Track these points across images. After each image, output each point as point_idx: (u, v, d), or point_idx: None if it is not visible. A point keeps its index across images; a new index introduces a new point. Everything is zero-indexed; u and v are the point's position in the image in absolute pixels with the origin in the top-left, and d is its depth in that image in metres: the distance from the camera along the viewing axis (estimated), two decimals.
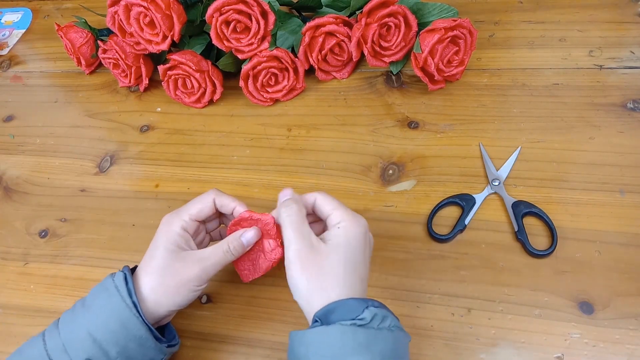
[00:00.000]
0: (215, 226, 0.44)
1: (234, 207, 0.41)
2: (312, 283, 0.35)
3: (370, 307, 0.33)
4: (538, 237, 0.45)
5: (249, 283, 0.47)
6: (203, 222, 0.42)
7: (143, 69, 0.63)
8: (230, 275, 0.48)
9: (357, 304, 0.33)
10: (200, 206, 0.40)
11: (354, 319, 0.32)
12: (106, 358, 0.36)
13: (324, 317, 0.34)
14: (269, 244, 0.41)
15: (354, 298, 0.34)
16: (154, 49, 0.57)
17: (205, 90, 0.60)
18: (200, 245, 0.42)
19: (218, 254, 0.39)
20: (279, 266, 0.47)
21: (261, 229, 0.40)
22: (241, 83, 0.58)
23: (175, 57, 0.57)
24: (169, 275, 0.38)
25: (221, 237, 0.45)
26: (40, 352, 0.37)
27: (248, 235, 0.40)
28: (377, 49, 0.56)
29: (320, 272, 0.35)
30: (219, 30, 0.54)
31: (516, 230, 0.45)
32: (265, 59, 0.56)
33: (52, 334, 0.38)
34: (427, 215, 0.48)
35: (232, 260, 0.40)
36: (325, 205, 0.39)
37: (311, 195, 0.40)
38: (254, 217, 0.40)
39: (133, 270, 0.41)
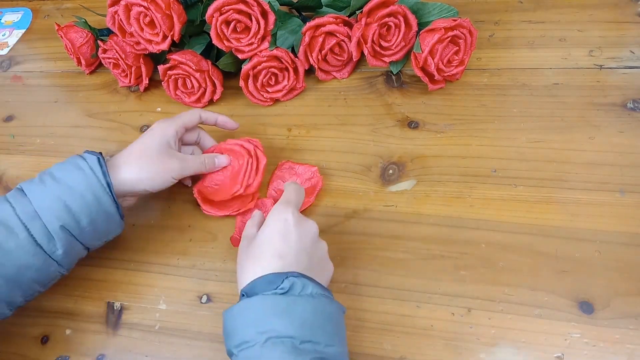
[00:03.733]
0: (194, 137, 0.52)
1: (216, 118, 0.52)
2: (241, 266, 0.40)
3: (290, 277, 0.36)
4: None
5: None
6: (186, 130, 0.51)
7: (143, 69, 0.63)
8: (230, 275, 0.48)
9: (276, 277, 0.36)
10: (190, 117, 0.50)
11: (275, 289, 0.36)
12: (77, 226, 0.42)
13: (249, 291, 0.37)
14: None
15: (274, 273, 0.37)
16: (154, 48, 0.57)
17: (206, 90, 0.60)
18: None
19: (196, 161, 0.49)
20: None
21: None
22: (241, 83, 0.58)
23: (176, 57, 0.57)
24: (157, 163, 0.46)
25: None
26: (10, 214, 0.41)
27: (220, 159, 0.51)
28: (377, 48, 0.56)
29: (246, 257, 0.40)
30: (219, 30, 0.54)
31: None
32: (265, 58, 0.56)
33: (19, 200, 0.42)
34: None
35: (204, 171, 0.50)
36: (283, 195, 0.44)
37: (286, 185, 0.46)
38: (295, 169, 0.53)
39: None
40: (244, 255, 0.41)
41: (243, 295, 0.37)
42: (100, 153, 0.45)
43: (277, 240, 0.39)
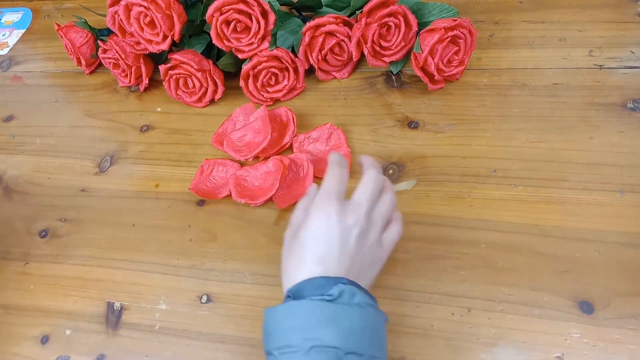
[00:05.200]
0: None
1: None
2: (286, 261, 0.38)
3: (339, 284, 0.35)
4: None
5: (249, 283, 0.47)
6: None
7: (143, 69, 0.63)
8: (230, 275, 0.48)
9: (326, 281, 0.35)
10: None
11: (322, 295, 0.34)
12: None
13: (296, 293, 0.35)
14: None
15: (324, 276, 0.35)
16: (154, 48, 0.57)
17: (207, 89, 0.60)
18: None
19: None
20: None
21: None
22: (241, 83, 0.58)
23: (177, 56, 0.57)
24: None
25: None
26: None
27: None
28: (377, 48, 0.56)
29: (290, 254, 0.38)
30: (219, 30, 0.54)
31: None
32: (265, 58, 0.56)
33: None
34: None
35: None
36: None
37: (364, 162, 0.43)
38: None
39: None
40: (289, 250, 0.39)
41: (289, 296, 0.36)
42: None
43: (318, 242, 0.37)
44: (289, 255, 0.38)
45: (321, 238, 0.37)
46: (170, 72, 0.59)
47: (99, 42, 0.62)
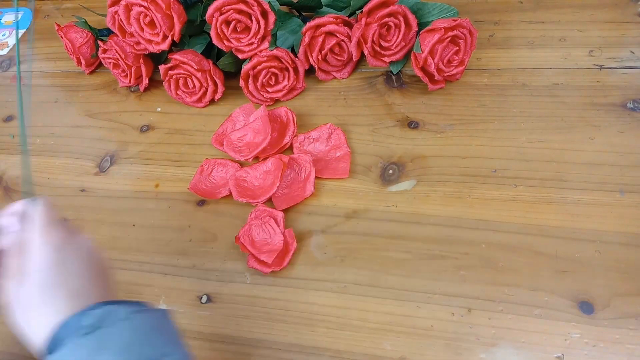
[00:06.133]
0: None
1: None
2: (24, 318, 0.33)
3: (88, 313, 0.31)
4: None
5: (249, 283, 0.47)
6: None
7: (143, 69, 0.63)
8: (230, 275, 0.48)
9: (76, 318, 0.31)
10: None
11: (82, 334, 0.30)
12: None
13: (53, 346, 0.31)
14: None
15: (72, 315, 0.31)
16: (154, 48, 0.57)
17: (207, 89, 0.60)
18: None
19: None
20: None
21: None
22: (241, 83, 0.58)
23: (177, 56, 0.57)
24: None
25: None
26: None
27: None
28: (377, 48, 0.56)
29: (27, 307, 0.33)
30: (219, 30, 0.54)
31: None
32: (265, 58, 0.56)
33: None
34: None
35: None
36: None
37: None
38: None
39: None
40: (22, 304, 0.33)
41: (49, 353, 0.31)
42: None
43: (59, 277, 0.33)
44: (26, 308, 0.33)
45: (59, 270, 0.33)
46: (170, 72, 0.59)
47: (99, 42, 0.62)
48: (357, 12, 0.55)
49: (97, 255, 0.36)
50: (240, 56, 0.57)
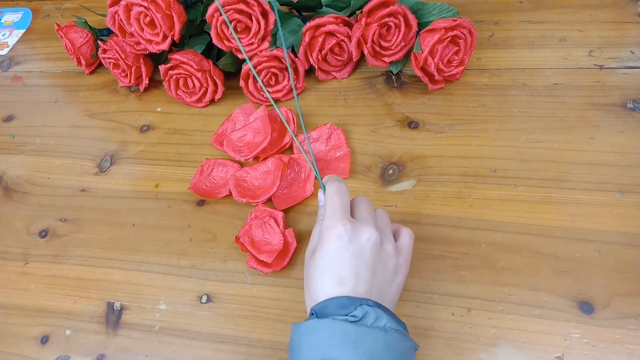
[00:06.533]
0: None
1: None
2: (307, 282, 0.38)
3: (364, 305, 0.34)
4: None
5: (249, 283, 0.47)
6: None
7: (143, 69, 0.63)
8: (230, 275, 0.48)
9: (350, 301, 0.34)
10: None
11: (346, 315, 0.33)
12: None
13: (319, 312, 0.35)
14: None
15: (348, 296, 0.34)
16: (154, 48, 0.57)
17: (207, 89, 0.60)
18: None
19: None
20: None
21: None
22: (241, 83, 0.58)
23: (177, 56, 0.57)
24: None
25: None
26: None
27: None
28: (377, 48, 0.56)
29: (310, 277, 0.37)
30: (219, 30, 0.54)
31: None
32: (265, 58, 0.56)
33: None
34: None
35: None
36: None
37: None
38: None
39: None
40: (308, 272, 0.38)
41: (312, 314, 0.35)
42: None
43: (334, 264, 0.36)
44: (309, 277, 0.38)
45: (337, 260, 0.36)
46: (170, 72, 0.59)
47: (99, 42, 0.62)
48: (357, 12, 0.55)
49: (378, 250, 0.37)
50: (240, 56, 0.57)
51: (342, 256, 0.36)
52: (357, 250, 0.36)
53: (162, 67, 0.59)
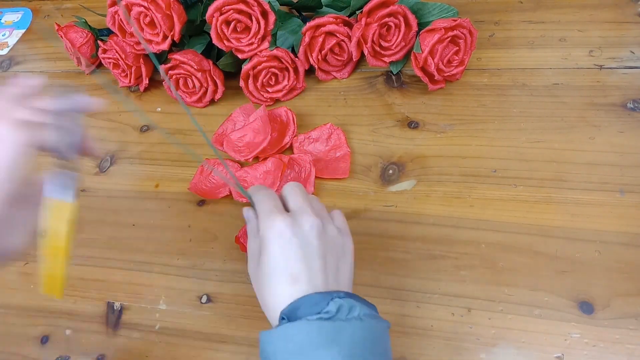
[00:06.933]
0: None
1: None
2: (260, 290, 0.36)
3: (335, 299, 0.32)
4: None
5: (249, 283, 0.47)
6: None
7: (143, 69, 0.63)
8: (230, 275, 0.48)
9: (322, 297, 0.33)
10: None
11: (319, 313, 0.32)
12: None
13: (290, 314, 0.33)
14: None
15: (319, 292, 0.33)
16: (154, 48, 0.57)
17: (207, 89, 0.60)
18: None
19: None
20: None
21: None
22: (241, 83, 0.58)
23: (177, 56, 0.57)
24: None
25: None
26: None
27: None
28: (377, 48, 0.56)
29: (262, 285, 0.36)
30: (219, 30, 0.54)
31: None
32: (265, 58, 0.56)
33: None
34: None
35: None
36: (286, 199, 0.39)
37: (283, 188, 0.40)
38: None
39: None
40: (258, 282, 0.36)
41: (283, 318, 0.33)
42: None
43: (280, 264, 0.35)
44: (261, 287, 0.36)
45: (284, 259, 0.35)
46: (170, 72, 0.59)
47: (99, 42, 0.62)
48: (357, 12, 0.55)
49: (322, 235, 0.36)
50: (240, 56, 0.57)
51: (289, 253, 0.35)
52: (302, 242, 0.35)
53: (162, 67, 0.59)
